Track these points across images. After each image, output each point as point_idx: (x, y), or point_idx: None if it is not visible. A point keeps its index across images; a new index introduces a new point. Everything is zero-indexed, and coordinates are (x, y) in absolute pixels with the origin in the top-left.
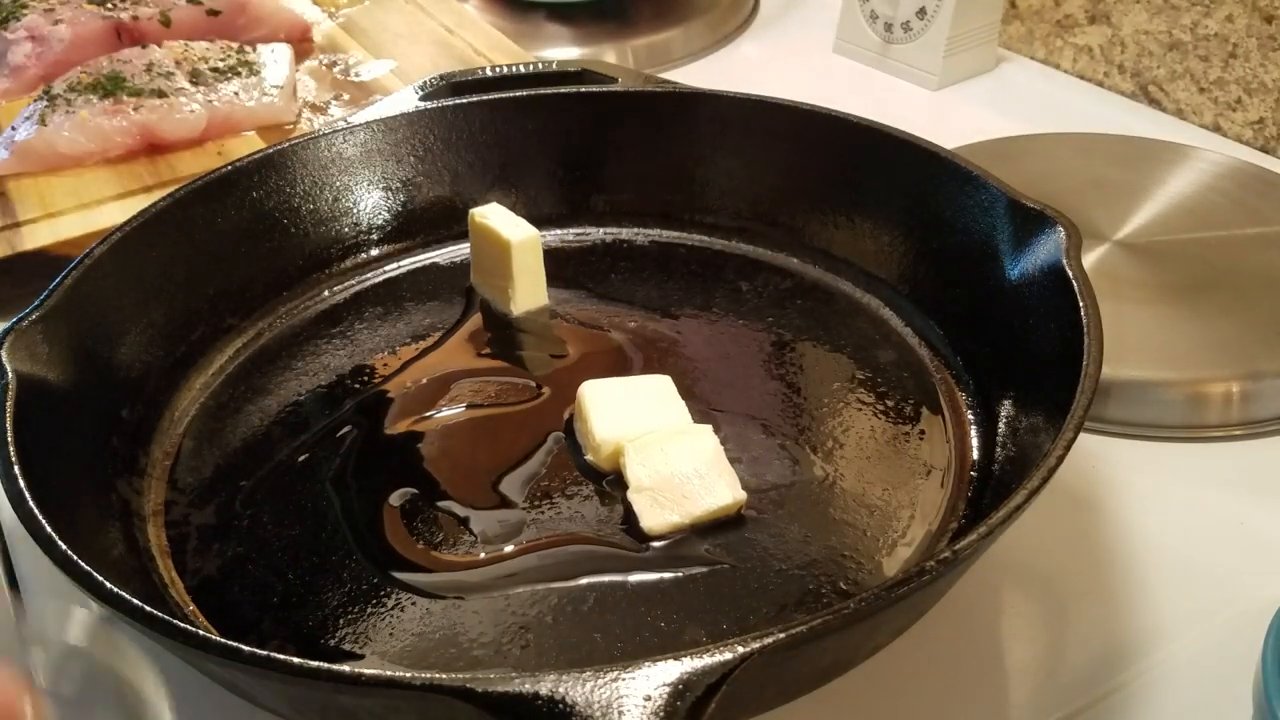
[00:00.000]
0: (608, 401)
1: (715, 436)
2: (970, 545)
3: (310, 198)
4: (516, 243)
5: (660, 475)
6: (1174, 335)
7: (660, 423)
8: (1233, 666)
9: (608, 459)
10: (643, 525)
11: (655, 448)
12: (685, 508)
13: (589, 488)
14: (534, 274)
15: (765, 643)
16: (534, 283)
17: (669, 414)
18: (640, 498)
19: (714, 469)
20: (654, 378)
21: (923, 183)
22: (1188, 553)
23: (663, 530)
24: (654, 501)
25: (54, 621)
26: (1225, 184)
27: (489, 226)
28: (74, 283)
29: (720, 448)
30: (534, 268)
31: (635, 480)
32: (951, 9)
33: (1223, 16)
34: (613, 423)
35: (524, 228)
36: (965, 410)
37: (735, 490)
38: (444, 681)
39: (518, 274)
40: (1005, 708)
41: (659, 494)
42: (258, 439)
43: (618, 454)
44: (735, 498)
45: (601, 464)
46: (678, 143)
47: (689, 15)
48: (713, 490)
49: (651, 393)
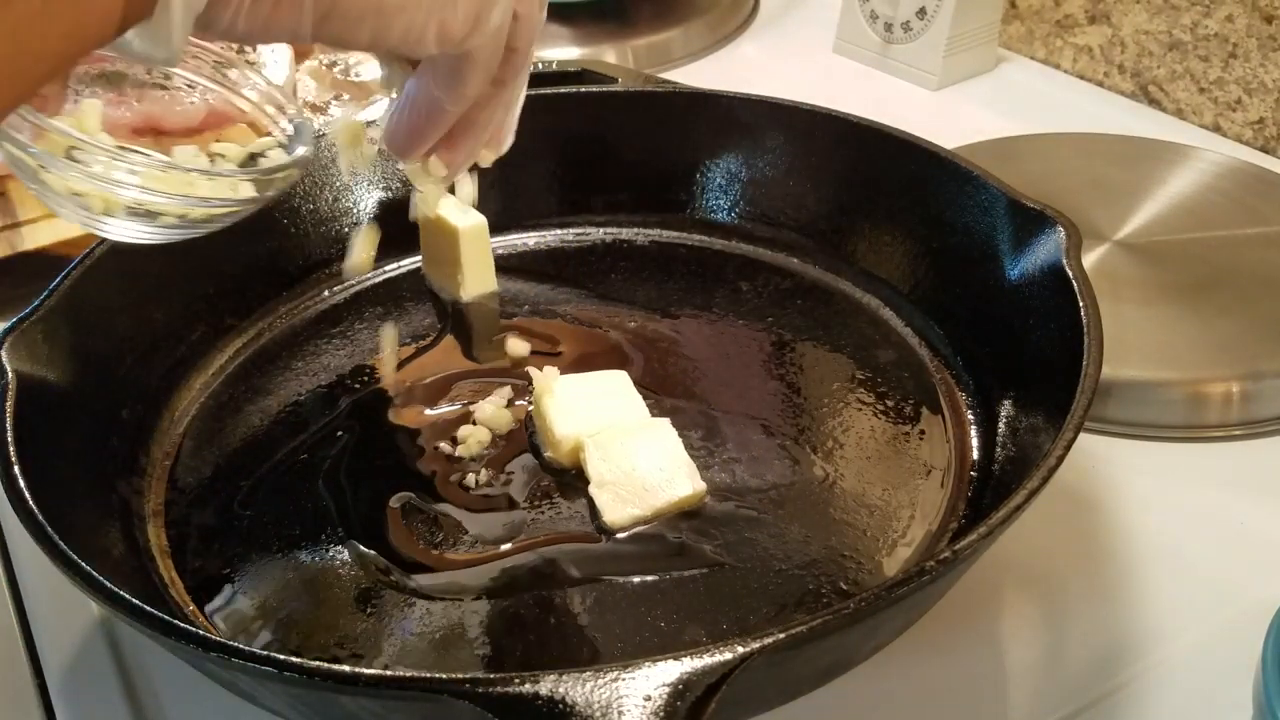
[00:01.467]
0: (565, 398)
1: (674, 430)
2: (970, 545)
3: (310, 198)
4: (464, 229)
5: (621, 470)
6: (1174, 335)
7: (618, 417)
8: (1233, 666)
9: (567, 455)
10: (605, 519)
11: (615, 443)
12: (647, 500)
13: (550, 483)
14: (482, 260)
15: (765, 643)
16: (483, 269)
17: (627, 408)
18: (602, 492)
19: (674, 462)
20: (611, 373)
21: (923, 183)
22: (1188, 553)
23: (625, 524)
24: (615, 496)
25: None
26: (1225, 184)
27: (438, 215)
28: (74, 283)
29: (679, 441)
30: (482, 254)
31: (596, 475)
32: (951, 9)
33: (1223, 16)
34: (571, 419)
35: (472, 215)
36: (965, 410)
37: (695, 482)
38: (444, 681)
39: (466, 261)
40: (1005, 708)
41: (620, 488)
42: (257, 439)
43: (577, 450)
44: (695, 489)
45: (561, 460)
46: (677, 143)
47: (689, 15)
48: (673, 483)
49: (608, 388)
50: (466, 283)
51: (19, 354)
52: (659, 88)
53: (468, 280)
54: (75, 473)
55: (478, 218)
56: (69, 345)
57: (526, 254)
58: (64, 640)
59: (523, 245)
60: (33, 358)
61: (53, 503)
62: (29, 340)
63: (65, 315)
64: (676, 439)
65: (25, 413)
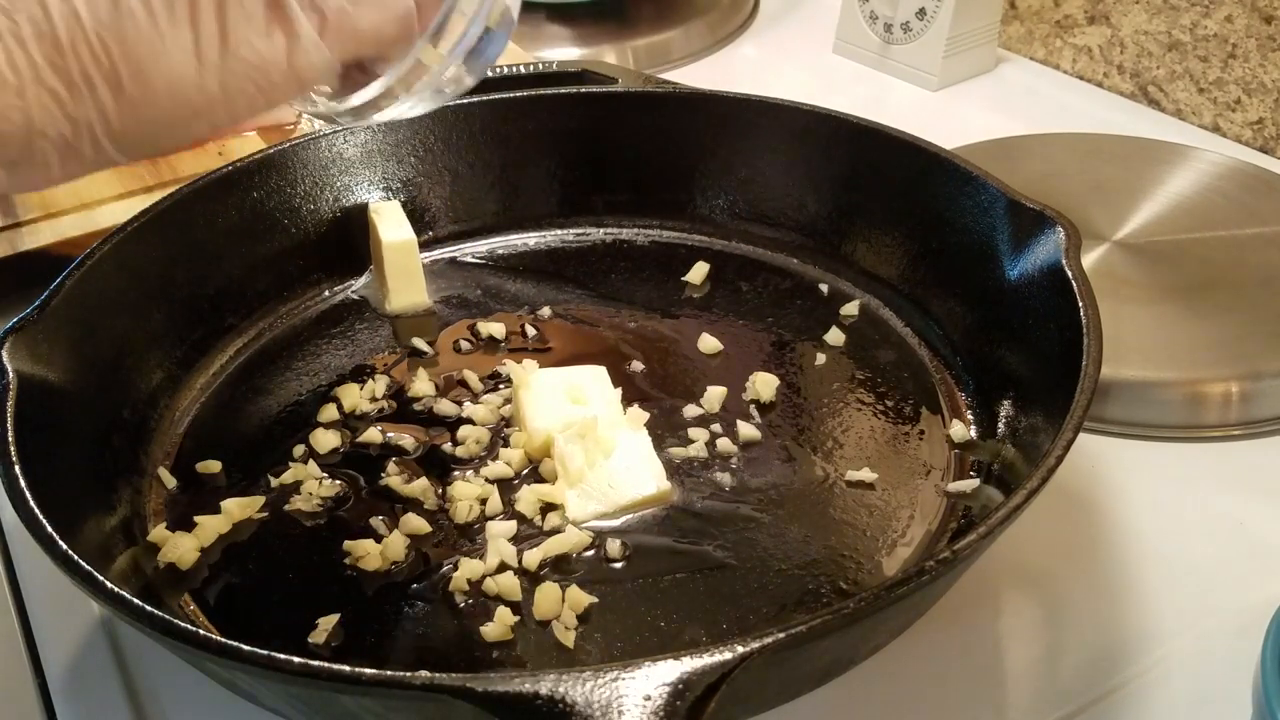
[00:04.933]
0: (541, 391)
1: (644, 428)
2: (970, 545)
3: (311, 198)
4: (389, 243)
5: (588, 466)
6: (1174, 335)
7: (591, 413)
8: (1232, 666)
9: (539, 449)
10: (568, 515)
11: (585, 439)
12: (610, 498)
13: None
14: (409, 276)
15: (765, 643)
16: (409, 284)
17: (600, 404)
18: (568, 488)
19: (641, 460)
20: (588, 368)
21: (923, 183)
22: (1187, 553)
23: (586, 519)
24: (581, 492)
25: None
26: (1225, 184)
27: (374, 223)
28: (74, 283)
29: (649, 439)
30: (410, 270)
31: (564, 470)
32: (951, 9)
33: (1222, 17)
34: (545, 413)
35: (404, 230)
36: (965, 410)
37: (660, 481)
38: (444, 681)
39: (391, 274)
40: (1004, 708)
41: (587, 484)
42: (258, 439)
43: (548, 445)
44: (660, 488)
45: (533, 454)
46: (677, 143)
47: (689, 15)
48: (639, 481)
49: (584, 383)
50: (391, 297)
51: (19, 354)
52: (659, 88)
53: (392, 294)
54: (75, 473)
55: (408, 234)
56: (69, 345)
57: (526, 254)
58: (64, 640)
59: (523, 245)
60: (33, 358)
61: (53, 503)
62: (29, 340)
63: (65, 315)
64: (646, 437)
65: (25, 413)
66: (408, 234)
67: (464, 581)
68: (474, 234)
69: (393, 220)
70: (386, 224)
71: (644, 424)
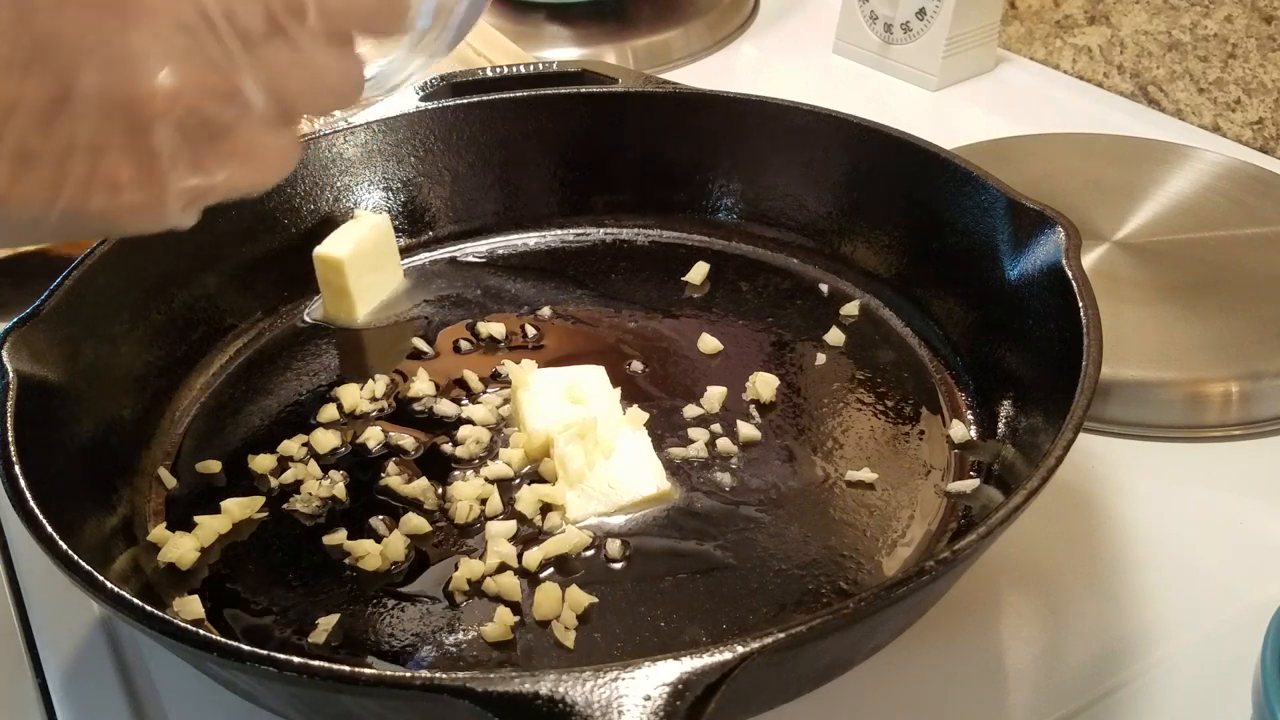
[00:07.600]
0: (539, 392)
1: (644, 428)
2: (970, 545)
3: (310, 198)
4: (320, 255)
5: (587, 466)
6: (1174, 335)
7: (590, 413)
8: (1232, 666)
9: (539, 449)
10: (568, 515)
11: (584, 439)
12: (611, 498)
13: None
14: (337, 293)
15: (765, 643)
16: (338, 301)
17: (599, 404)
18: (568, 488)
19: (641, 460)
20: (587, 368)
21: (923, 183)
22: (1187, 553)
23: (586, 520)
24: (580, 492)
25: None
26: (1224, 184)
27: (324, 255)
28: (74, 283)
29: (649, 439)
30: (338, 287)
31: (563, 471)
32: (951, 9)
33: (1222, 17)
34: (544, 413)
35: (342, 247)
36: (965, 410)
37: (660, 481)
38: (444, 681)
39: (321, 285)
40: (1005, 708)
41: (586, 485)
42: (258, 439)
43: (548, 445)
44: (660, 488)
45: (533, 454)
46: (677, 143)
47: (689, 15)
48: (639, 481)
49: (584, 383)
50: (325, 306)
51: (19, 354)
52: (659, 88)
53: (325, 304)
54: (75, 473)
55: (342, 252)
56: (69, 345)
57: (526, 254)
58: (64, 640)
59: (523, 245)
60: (33, 358)
61: (53, 503)
62: (29, 340)
63: (65, 315)
64: (646, 437)
65: (25, 413)
66: (342, 252)
67: (464, 581)
68: (474, 234)
69: (349, 234)
70: (339, 235)
71: (644, 424)
